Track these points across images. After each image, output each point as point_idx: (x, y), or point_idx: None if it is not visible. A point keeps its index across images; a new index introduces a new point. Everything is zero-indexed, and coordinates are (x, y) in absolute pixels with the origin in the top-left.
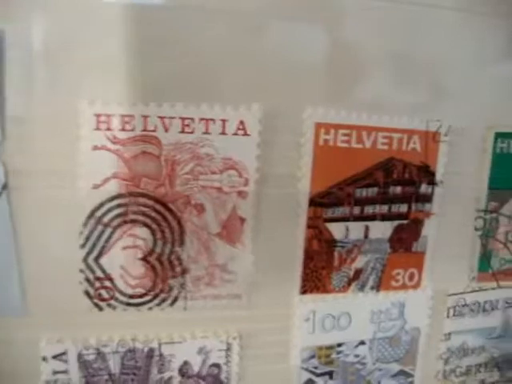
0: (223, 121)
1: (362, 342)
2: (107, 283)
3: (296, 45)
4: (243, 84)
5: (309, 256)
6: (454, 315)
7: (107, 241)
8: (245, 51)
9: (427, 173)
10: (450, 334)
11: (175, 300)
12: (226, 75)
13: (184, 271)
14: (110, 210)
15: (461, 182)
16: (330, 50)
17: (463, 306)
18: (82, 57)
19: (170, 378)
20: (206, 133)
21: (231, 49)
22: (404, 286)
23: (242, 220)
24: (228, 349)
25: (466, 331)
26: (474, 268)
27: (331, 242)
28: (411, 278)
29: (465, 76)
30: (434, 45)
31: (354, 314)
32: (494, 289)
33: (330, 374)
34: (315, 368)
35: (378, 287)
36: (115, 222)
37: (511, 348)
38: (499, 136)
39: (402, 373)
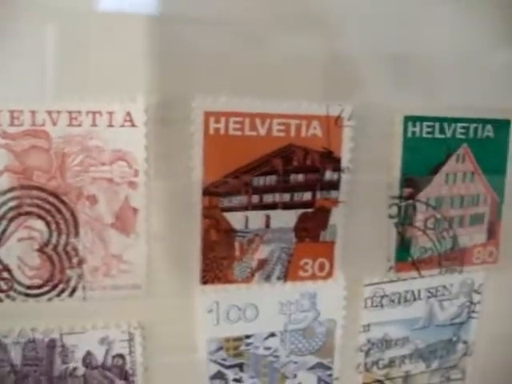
0: (110, 113)
1: (273, 334)
2: (5, 274)
3: (184, 33)
4: (130, 75)
5: (208, 246)
6: (372, 306)
7: (3, 233)
8: None
9: (331, 159)
10: (369, 325)
11: (74, 290)
12: (110, 66)
13: (81, 262)
14: (4, 203)
15: (371, 168)
16: (220, 36)
17: (382, 296)
18: None
19: (75, 369)
20: (94, 125)
21: None
22: (314, 277)
23: (135, 210)
24: (130, 339)
25: (387, 322)
26: (392, 257)
27: (230, 232)
28: (321, 268)
29: (372, 58)
30: None
31: (261, 306)
32: (414, 278)
33: (241, 367)
34: (224, 360)
35: (285, 278)
36: (10, 215)
37: (436, 338)
38: (409, 119)
39: (319, 365)
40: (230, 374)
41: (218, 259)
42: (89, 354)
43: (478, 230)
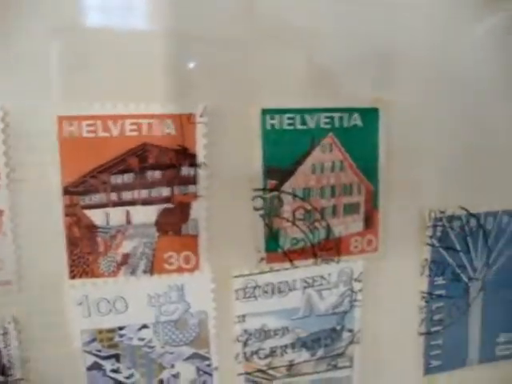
0: None
1: (145, 326)
2: None
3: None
4: None
5: (72, 242)
6: (244, 297)
7: None
8: None
9: (187, 155)
10: (243, 316)
11: None
12: None
13: None
14: None
15: (231, 162)
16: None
17: (254, 287)
18: None
19: None
20: None
21: None
22: (180, 269)
23: (1, 212)
24: (5, 333)
25: (264, 313)
26: (261, 249)
27: (92, 228)
28: (187, 260)
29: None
30: None
31: (130, 298)
32: (287, 269)
33: (117, 357)
34: (99, 351)
35: (151, 271)
36: None
37: (319, 327)
38: (267, 112)
39: (196, 356)
40: (107, 365)
41: (84, 255)
42: None
43: (354, 219)
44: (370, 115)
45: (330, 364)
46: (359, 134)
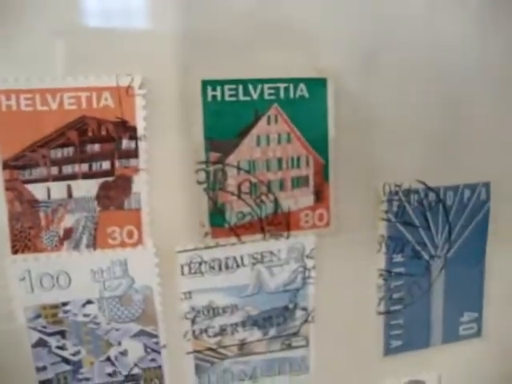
0: None
1: (90, 301)
2: None
3: None
4: None
5: (14, 217)
6: (190, 273)
7: None
8: None
9: (127, 128)
10: (190, 292)
11: None
12: None
13: None
14: None
15: (172, 134)
16: None
17: (200, 263)
18: None
19: None
20: None
21: None
22: (123, 244)
23: None
24: None
25: (211, 290)
26: (206, 223)
27: (34, 203)
28: (130, 235)
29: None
30: None
31: (73, 273)
32: (234, 244)
33: (62, 334)
34: (44, 328)
35: (94, 245)
36: None
37: (270, 305)
38: (207, 84)
39: (143, 333)
40: (53, 342)
41: (26, 229)
42: None
43: (303, 193)
44: (318, 86)
45: (284, 343)
46: (306, 105)
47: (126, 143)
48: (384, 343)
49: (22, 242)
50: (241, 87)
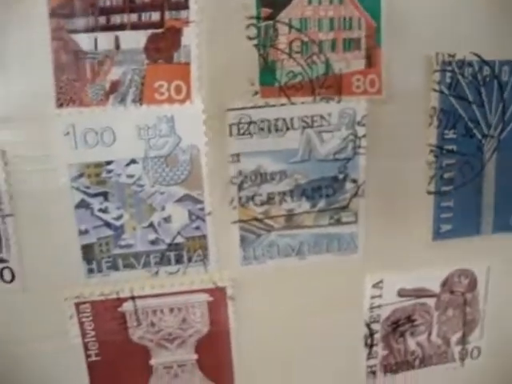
0: None
1: (134, 161)
2: None
3: None
4: None
5: (59, 69)
6: (238, 134)
7: None
8: None
9: None
10: (238, 155)
11: None
12: None
13: None
14: None
15: None
16: None
17: (249, 123)
18: None
19: None
20: None
21: None
22: (170, 100)
23: None
24: None
25: (260, 153)
26: (256, 81)
27: (80, 54)
28: (178, 91)
29: None
30: None
31: (118, 129)
32: (284, 105)
33: (105, 196)
34: (87, 188)
35: (140, 100)
36: None
37: (319, 174)
38: None
39: (188, 198)
40: (95, 204)
41: (71, 82)
42: None
43: (355, 56)
44: None
45: (333, 218)
46: None
47: None
48: (433, 226)
49: (67, 96)
50: None
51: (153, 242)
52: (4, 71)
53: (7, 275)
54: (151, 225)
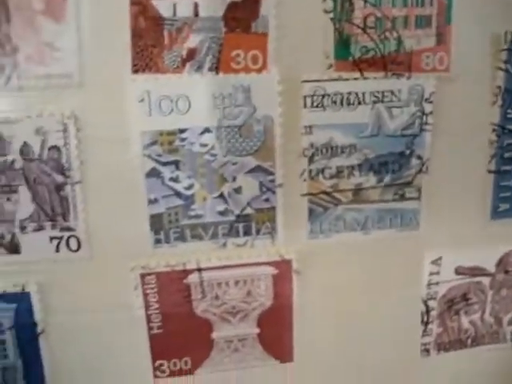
0: None
1: (208, 130)
2: None
3: None
4: None
5: (137, 34)
6: (312, 106)
7: None
8: None
9: None
10: (310, 127)
11: (9, 79)
12: None
13: (14, 50)
14: None
15: None
16: None
17: (323, 96)
18: None
19: (13, 162)
20: None
21: None
22: (247, 69)
23: None
24: (65, 130)
25: (331, 126)
26: (331, 54)
27: (158, 20)
28: (254, 60)
29: None
30: None
31: (193, 97)
32: (357, 79)
33: (177, 164)
34: (159, 156)
35: (216, 69)
36: None
37: (387, 150)
38: None
39: (259, 169)
40: (166, 172)
41: (148, 48)
42: (25, 145)
43: (426, 33)
44: None
45: (397, 193)
46: None
47: None
48: (492, 205)
49: (143, 61)
50: None
51: (222, 213)
52: (79, 34)
53: (73, 244)
54: (221, 195)
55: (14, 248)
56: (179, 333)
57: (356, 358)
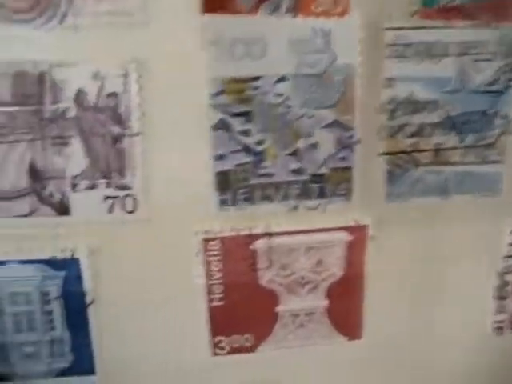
0: None
1: (283, 78)
2: None
3: None
4: None
5: None
6: (395, 56)
7: None
8: None
9: None
10: (392, 79)
11: (64, 17)
12: None
13: None
14: None
15: None
16: None
17: (406, 45)
18: None
19: (67, 110)
20: None
21: None
22: (327, 12)
23: None
24: (125, 75)
25: (414, 79)
26: (416, 0)
27: None
28: (336, 3)
29: None
30: None
31: (269, 41)
32: (442, 28)
33: (248, 116)
34: (228, 106)
35: (295, 11)
36: None
37: (470, 107)
38: None
39: (337, 124)
40: (236, 125)
41: None
42: (80, 92)
43: None
44: None
45: (479, 156)
46: None
47: None
48: None
49: (215, 1)
50: None
51: (295, 172)
52: None
53: (129, 204)
54: (295, 153)
55: (63, 208)
56: (241, 306)
57: (426, 330)
